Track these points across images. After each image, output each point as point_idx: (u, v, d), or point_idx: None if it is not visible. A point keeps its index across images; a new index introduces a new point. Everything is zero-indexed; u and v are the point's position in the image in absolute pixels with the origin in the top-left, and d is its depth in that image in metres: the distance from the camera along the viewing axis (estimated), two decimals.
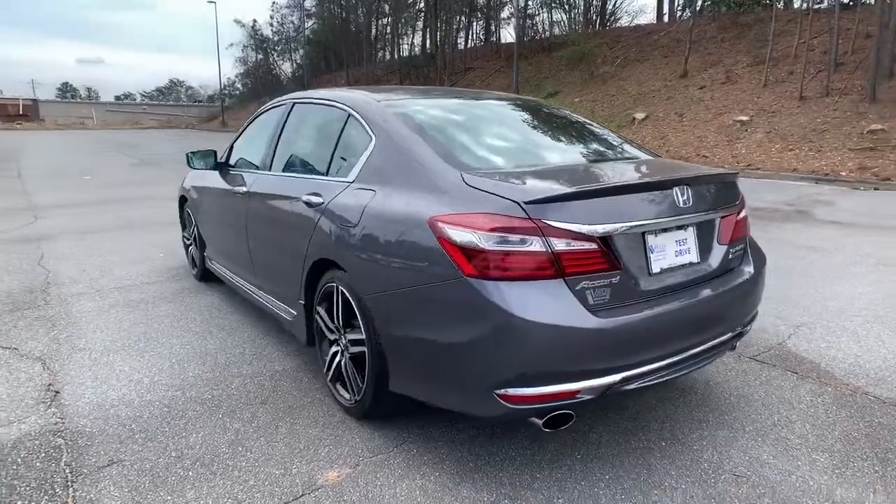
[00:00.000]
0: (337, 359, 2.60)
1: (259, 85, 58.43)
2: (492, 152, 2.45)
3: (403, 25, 41.21)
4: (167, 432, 2.47)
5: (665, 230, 2.13)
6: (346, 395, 2.55)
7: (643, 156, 2.79)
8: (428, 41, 38.48)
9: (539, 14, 31.84)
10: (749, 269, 2.46)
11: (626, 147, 2.88)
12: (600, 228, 1.93)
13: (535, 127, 2.92)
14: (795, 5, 19.61)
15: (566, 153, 2.70)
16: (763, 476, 2.16)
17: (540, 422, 1.95)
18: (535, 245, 1.86)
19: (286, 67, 55.78)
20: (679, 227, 2.18)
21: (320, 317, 2.69)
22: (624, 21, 31.14)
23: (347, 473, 2.18)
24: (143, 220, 7.44)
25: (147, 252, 5.75)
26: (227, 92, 58.25)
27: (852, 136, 12.14)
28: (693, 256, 2.24)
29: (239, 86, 65.95)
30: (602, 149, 2.80)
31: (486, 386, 1.90)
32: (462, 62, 33.66)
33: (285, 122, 3.28)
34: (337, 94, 2.93)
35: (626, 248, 2.01)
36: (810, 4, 17.89)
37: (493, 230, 1.87)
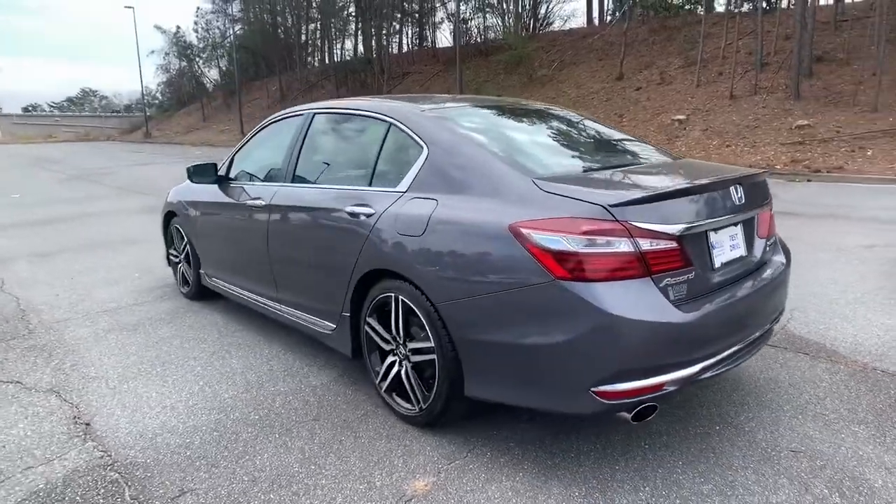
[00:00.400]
0: (395, 369, 2.60)
1: (184, 93, 56.23)
2: (547, 157, 2.52)
3: (335, 30, 40.76)
4: (228, 457, 2.39)
5: (723, 227, 2.27)
6: (408, 405, 2.55)
7: (669, 157, 2.94)
8: (360, 46, 38.30)
9: (473, 18, 32.36)
10: (782, 260, 2.65)
11: (655, 148, 3.02)
12: (677, 228, 2.03)
13: (570, 132, 3.01)
14: (719, 9, 20.83)
15: (611, 156, 2.81)
16: (816, 450, 2.33)
17: (629, 415, 2.03)
18: (624, 246, 1.94)
19: (213, 74, 53.91)
20: (732, 224, 2.33)
21: (371, 328, 2.68)
22: (556, 25, 32.04)
23: (433, 482, 2.19)
24: (100, 239, 7.05)
25: (119, 272, 5.47)
26: (145, 101, 55.59)
27: (782, 131, 13.06)
28: (742, 251, 2.40)
29: (159, 95, 63.24)
30: (637, 151, 2.91)
31: (584, 384, 1.96)
32: (399, 67, 33.67)
33: (306, 133, 3.23)
34: (371, 104, 2.92)
35: (695, 246, 2.13)
36: (733, 8, 19.07)
37: (584, 233, 1.94)
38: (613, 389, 1.95)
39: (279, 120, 3.60)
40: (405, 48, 37.75)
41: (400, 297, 2.46)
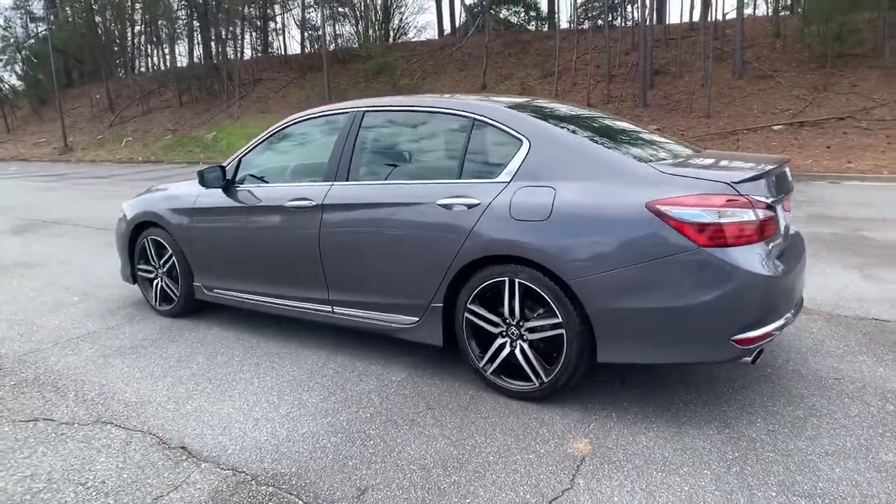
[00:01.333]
0: (505, 350, 2.74)
1: None
2: (636, 146, 2.85)
3: (165, 35, 37.65)
4: (378, 453, 2.37)
5: (781, 201, 2.76)
6: (523, 383, 2.71)
7: (700, 149, 3.42)
8: (199, 51, 35.94)
9: (325, 26, 31.99)
10: (797, 230, 3.25)
11: (684, 143, 3.49)
12: (771, 200, 2.47)
13: (615, 126, 3.35)
14: (563, 26, 22.97)
15: (675, 147, 3.16)
16: (849, 375, 2.92)
17: (749, 358, 2.41)
18: (749, 215, 2.33)
19: (12, 80, 46.79)
20: (784, 199, 2.84)
21: (474, 314, 2.78)
22: (410, 35, 32.87)
23: (588, 441, 2.39)
24: None
25: (48, 298, 4.78)
26: None
27: None
28: (785, 221, 2.92)
29: None
30: (680, 145, 3.33)
31: (726, 335, 2.31)
32: (249, 74, 32.14)
33: (358, 131, 3.21)
34: (442, 102, 3.01)
35: (775, 215, 2.59)
36: (574, 25, 21.18)
37: (721, 206, 2.29)
38: (748, 336, 2.33)
39: (306, 120, 3.51)
40: (250, 54, 36.14)
41: (517, 279, 2.62)
